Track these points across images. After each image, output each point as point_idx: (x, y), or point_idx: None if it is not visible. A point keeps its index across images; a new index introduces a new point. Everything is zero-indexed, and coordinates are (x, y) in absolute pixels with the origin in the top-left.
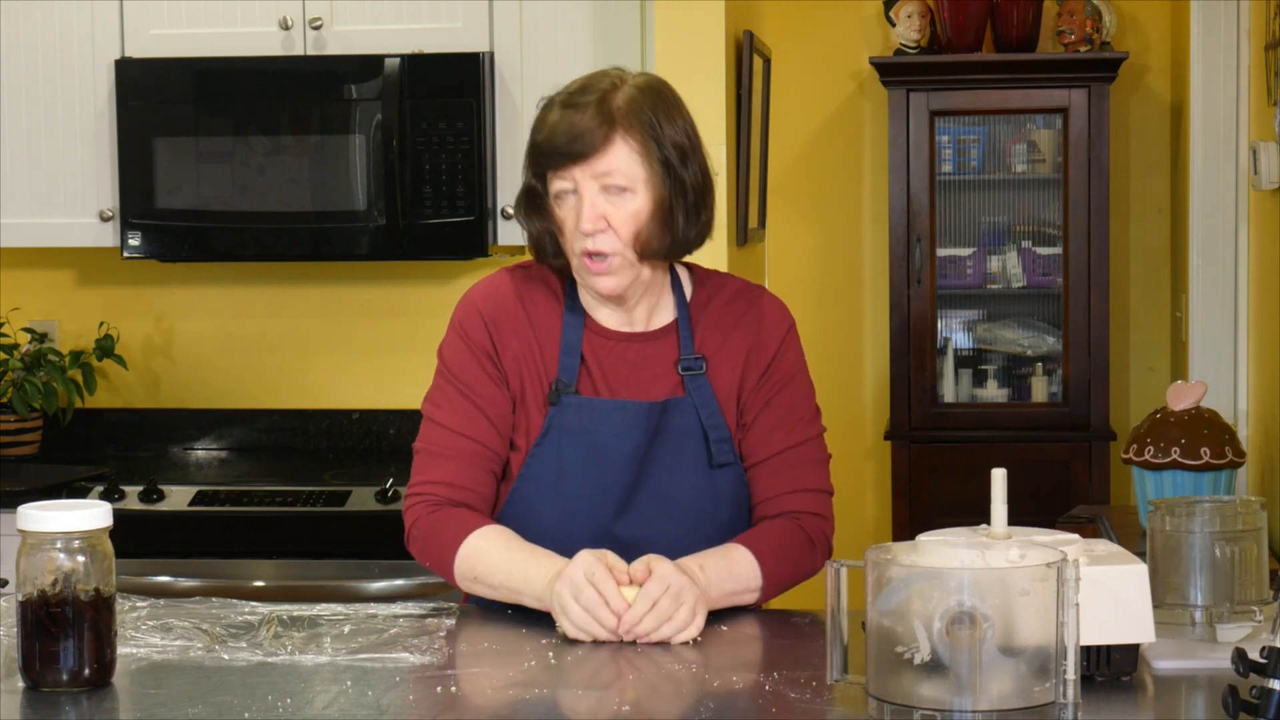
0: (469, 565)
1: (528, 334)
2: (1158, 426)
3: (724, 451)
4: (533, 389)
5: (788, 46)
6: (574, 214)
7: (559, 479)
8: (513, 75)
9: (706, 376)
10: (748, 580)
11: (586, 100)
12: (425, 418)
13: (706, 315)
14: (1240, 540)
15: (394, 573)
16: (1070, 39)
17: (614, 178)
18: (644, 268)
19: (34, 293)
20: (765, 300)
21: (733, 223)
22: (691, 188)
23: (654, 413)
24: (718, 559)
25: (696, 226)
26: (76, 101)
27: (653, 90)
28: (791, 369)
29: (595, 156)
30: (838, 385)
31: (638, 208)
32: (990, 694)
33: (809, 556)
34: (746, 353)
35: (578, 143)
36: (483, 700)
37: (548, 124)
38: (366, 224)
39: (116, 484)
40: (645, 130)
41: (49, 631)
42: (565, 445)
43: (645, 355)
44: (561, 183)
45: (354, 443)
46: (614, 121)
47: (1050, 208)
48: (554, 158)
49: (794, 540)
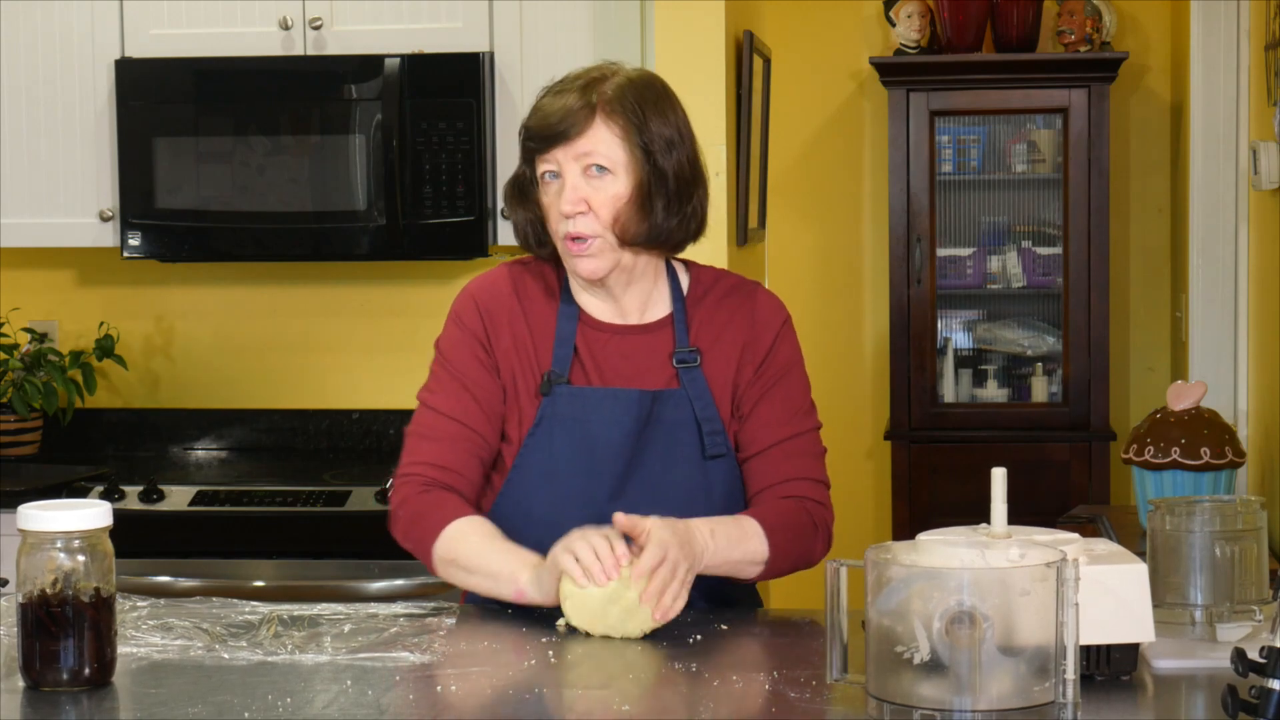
0: (449, 548)
1: (522, 326)
2: (1158, 426)
3: (717, 444)
4: (524, 381)
5: (788, 46)
6: (558, 198)
7: (551, 469)
8: (513, 75)
9: (701, 369)
10: (755, 552)
11: (574, 86)
12: (420, 404)
13: (702, 309)
14: (1240, 540)
15: (394, 573)
16: (1070, 39)
17: (594, 158)
18: (625, 253)
19: (34, 293)
20: (760, 294)
21: (733, 223)
22: (674, 176)
23: (645, 401)
24: (729, 525)
25: (678, 217)
26: (76, 101)
27: (643, 82)
28: (787, 362)
29: (577, 137)
30: (838, 385)
31: (617, 191)
32: (990, 694)
33: (811, 539)
34: (742, 346)
35: (560, 124)
36: (483, 700)
37: (537, 110)
38: (366, 224)
39: (116, 484)
40: (627, 116)
41: (49, 631)
42: (557, 435)
43: (640, 347)
44: (546, 165)
45: (354, 443)
46: (595, 104)
47: (1050, 208)
48: (538, 140)
49: (799, 520)
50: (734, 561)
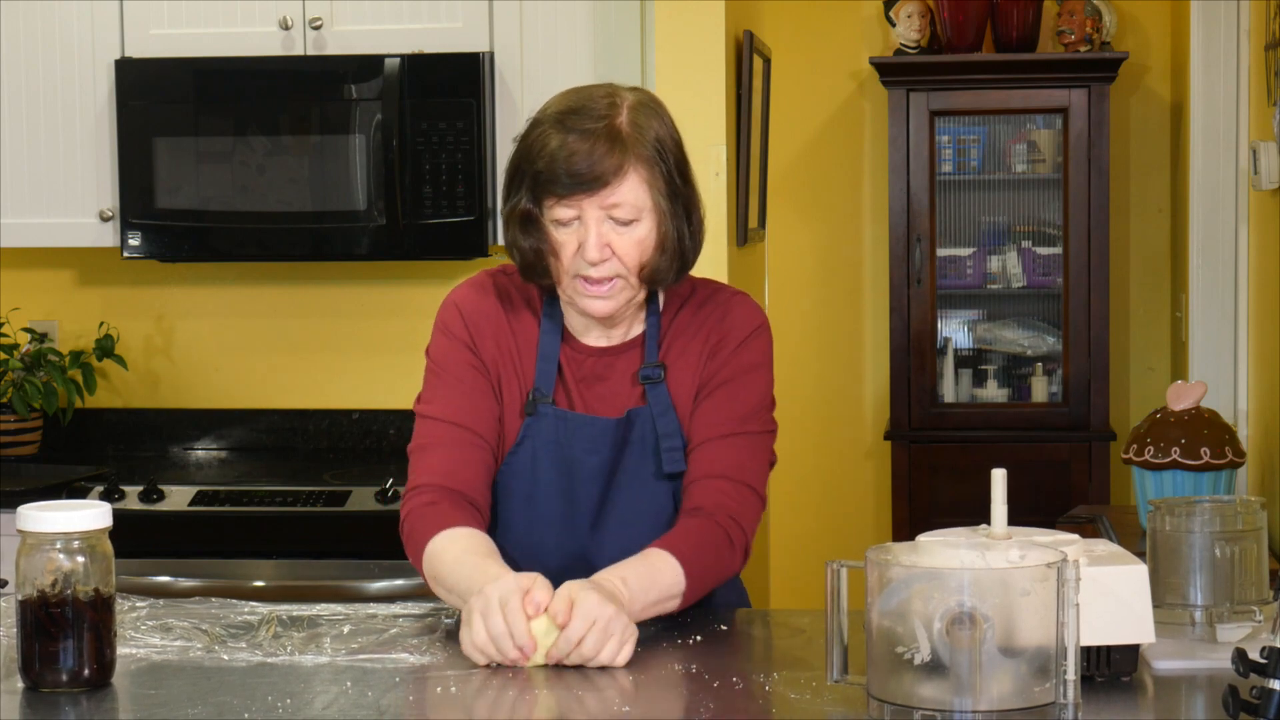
0: (430, 565)
1: (507, 336)
2: (1158, 426)
3: (676, 460)
4: (509, 392)
5: (788, 46)
6: (575, 240)
7: (531, 491)
8: (513, 75)
9: (666, 384)
10: (670, 587)
11: (591, 128)
12: (418, 416)
13: (676, 322)
14: (1240, 540)
15: (394, 573)
16: (1070, 39)
17: (622, 210)
18: (641, 290)
19: (34, 293)
20: (737, 302)
21: (733, 223)
22: (686, 208)
23: (620, 428)
24: (639, 567)
25: (696, 241)
26: (76, 101)
27: (649, 109)
28: (748, 365)
29: (605, 189)
30: (838, 385)
31: (642, 236)
32: (990, 694)
33: (728, 555)
34: (707, 353)
35: (588, 174)
36: (482, 701)
37: (548, 150)
38: (366, 224)
39: (116, 484)
40: (653, 156)
41: (49, 632)
42: (539, 457)
43: (612, 369)
44: (566, 211)
45: (354, 443)
46: (625, 151)
47: (1050, 208)
48: (559, 187)
49: (712, 538)
50: (651, 603)
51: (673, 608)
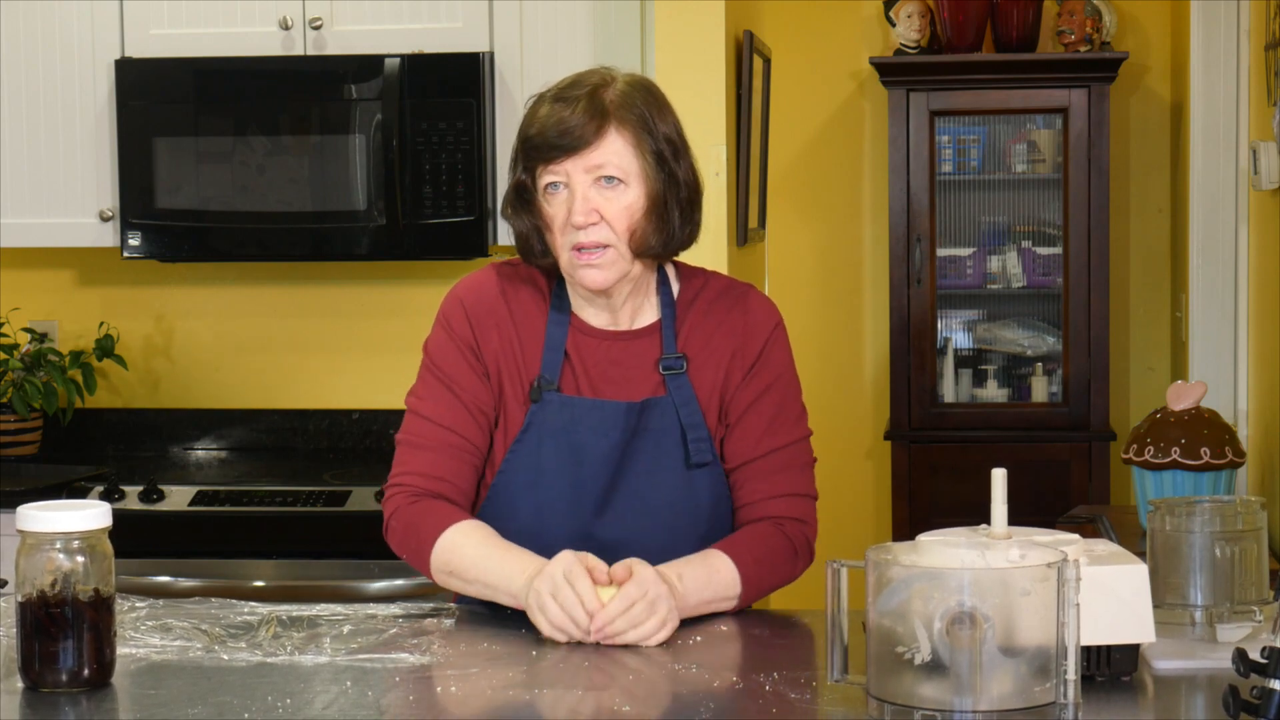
0: (445, 560)
1: (509, 330)
2: (1158, 426)
3: (702, 451)
4: (512, 386)
5: (788, 46)
6: (564, 209)
7: (537, 477)
8: (513, 75)
9: (687, 375)
10: (726, 588)
11: (577, 94)
12: (408, 410)
13: (692, 313)
14: (1240, 540)
15: (394, 573)
16: (1070, 39)
17: (607, 169)
18: (635, 264)
19: (34, 293)
20: (752, 298)
21: (733, 223)
22: (685, 184)
23: (632, 413)
24: (696, 566)
25: (690, 225)
26: (76, 101)
27: (643, 87)
28: (778, 368)
29: (588, 149)
30: (838, 385)
31: (631, 201)
32: (990, 694)
33: (790, 563)
34: (732, 352)
35: (569, 135)
36: (482, 700)
37: (538, 118)
38: (366, 224)
39: (116, 484)
40: (638, 123)
41: (48, 632)
42: (544, 443)
43: (628, 354)
44: (552, 176)
45: (354, 443)
46: (606, 114)
47: (1050, 208)
48: (545, 150)
49: (776, 546)
50: (705, 601)
51: (728, 607)
